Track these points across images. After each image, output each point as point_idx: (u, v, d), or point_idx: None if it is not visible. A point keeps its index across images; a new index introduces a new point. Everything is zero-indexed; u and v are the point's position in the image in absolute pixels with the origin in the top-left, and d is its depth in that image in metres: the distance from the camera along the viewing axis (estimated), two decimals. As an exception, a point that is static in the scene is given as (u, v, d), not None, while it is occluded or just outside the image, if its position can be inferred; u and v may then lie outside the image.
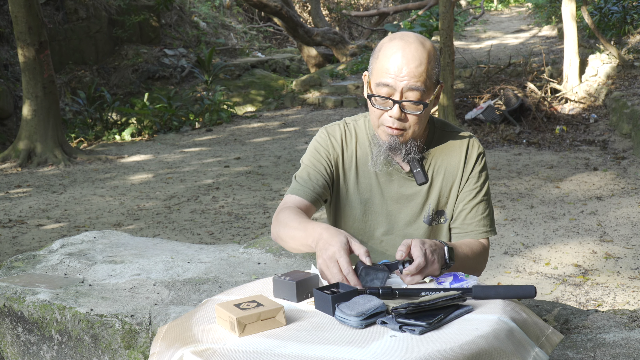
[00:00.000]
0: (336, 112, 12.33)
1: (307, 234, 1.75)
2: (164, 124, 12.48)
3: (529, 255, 5.00)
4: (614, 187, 6.69)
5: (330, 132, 2.04)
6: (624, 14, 11.24)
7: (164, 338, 1.54)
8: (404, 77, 1.81)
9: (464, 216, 2.00)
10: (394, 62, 1.82)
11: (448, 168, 2.00)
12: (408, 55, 1.81)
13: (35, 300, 2.26)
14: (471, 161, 2.00)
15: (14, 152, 10.10)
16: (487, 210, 2.02)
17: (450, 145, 2.01)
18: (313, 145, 2.05)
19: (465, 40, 16.70)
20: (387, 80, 1.82)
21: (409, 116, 1.86)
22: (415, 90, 1.82)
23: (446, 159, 2.00)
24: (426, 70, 1.82)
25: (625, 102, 8.80)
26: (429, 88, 1.85)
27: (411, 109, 1.85)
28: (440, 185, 1.99)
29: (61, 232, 6.36)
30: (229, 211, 6.76)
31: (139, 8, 15.20)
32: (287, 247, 1.90)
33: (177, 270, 2.55)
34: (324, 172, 1.99)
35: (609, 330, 2.00)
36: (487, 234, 2.02)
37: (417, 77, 1.81)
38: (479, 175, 2.01)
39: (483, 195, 2.01)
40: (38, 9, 9.83)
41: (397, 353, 1.29)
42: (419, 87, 1.82)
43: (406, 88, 1.82)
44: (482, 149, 2.04)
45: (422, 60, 1.82)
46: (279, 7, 14.12)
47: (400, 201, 2.00)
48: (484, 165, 2.03)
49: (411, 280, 1.68)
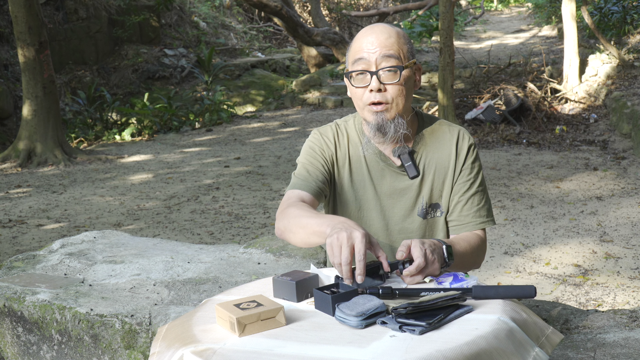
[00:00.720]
0: (336, 112, 12.33)
1: (323, 221, 1.71)
2: (164, 124, 12.47)
3: (529, 255, 5.00)
4: (614, 187, 6.69)
5: (323, 133, 2.08)
6: (624, 14, 11.24)
7: (164, 338, 1.54)
8: (375, 49, 1.89)
9: (460, 208, 2.01)
10: (364, 39, 1.92)
11: (439, 160, 2.01)
12: (377, 31, 1.92)
13: (35, 300, 2.26)
14: (462, 153, 2.02)
15: (14, 152, 10.10)
16: (483, 200, 2.03)
17: (440, 138, 2.03)
18: (307, 145, 2.07)
19: (465, 40, 16.70)
20: (361, 55, 1.90)
21: (389, 87, 1.90)
22: (389, 57, 1.88)
23: (437, 151, 2.01)
24: (397, 42, 1.91)
25: (625, 102, 8.80)
26: (404, 58, 1.91)
27: (389, 79, 1.89)
28: (432, 177, 2.00)
29: (61, 232, 6.36)
30: (229, 211, 6.76)
31: (139, 8, 15.20)
32: (294, 239, 1.85)
33: (177, 270, 2.55)
34: (322, 168, 2.01)
35: (609, 330, 2.00)
36: (485, 225, 2.02)
37: (388, 46, 1.89)
38: (472, 167, 2.02)
39: (478, 186, 2.02)
40: (38, 9, 9.83)
41: (397, 353, 1.29)
42: (392, 54, 1.88)
43: (379, 57, 1.88)
44: (473, 141, 2.05)
45: (390, 34, 1.91)
46: (279, 7, 14.12)
47: (393, 196, 2.01)
48: (476, 156, 2.04)
49: (411, 281, 1.68)
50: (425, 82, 12.81)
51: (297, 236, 1.83)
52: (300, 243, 1.85)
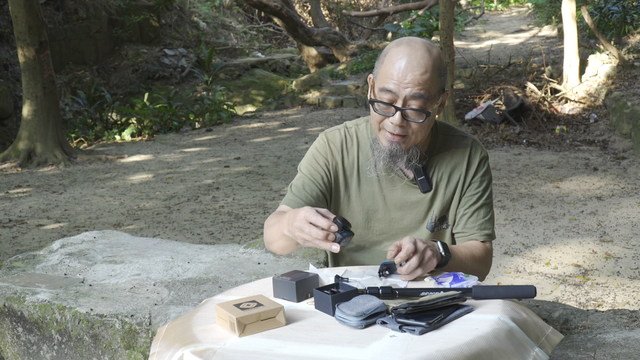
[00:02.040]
0: (336, 112, 12.33)
1: (281, 223, 1.73)
2: (164, 124, 12.48)
3: (529, 255, 5.00)
4: (614, 187, 6.69)
5: (330, 139, 2.00)
6: (624, 14, 11.24)
7: (164, 338, 1.54)
8: (407, 84, 1.77)
9: (465, 220, 1.99)
10: (398, 68, 1.77)
11: (451, 174, 1.98)
12: (414, 62, 1.77)
13: (35, 300, 2.26)
14: (473, 166, 1.99)
15: (14, 152, 10.10)
16: (489, 214, 2.00)
17: (453, 151, 1.99)
18: (311, 152, 2.01)
19: (465, 40, 16.71)
20: (390, 87, 1.78)
21: (411, 123, 1.82)
22: (419, 98, 1.78)
23: (449, 165, 1.98)
24: (431, 78, 1.78)
25: (625, 102, 8.80)
26: (433, 96, 1.81)
27: (413, 117, 1.81)
28: (444, 192, 1.98)
29: (61, 232, 6.36)
30: (229, 211, 6.76)
31: (139, 8, 15.20)
32: (275, 248, 1.87)
33: (177, 270, 2.55)
34: (320, 181, 1.96)
35: (609, 330, 2.00)
36: (489, 237, 1.99)
37: (421, 84, 1.77)
38: (481, 180, 1.99)
39: (485, 199, 2.00)
40: (38, 9, 9.83)
41: (397, 353, 1.30)
42: (423, 94, 1.78)
43: (409, 96, 1.78)
44: (485, 153, 2.02)
45: (427, 68, 1.77)
46: (279, 7, 14.12)
47: (403, 208, 1.98)
48: (486, 169, 2.01)
49: (409, 277, 1.68)
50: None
51: (275, 245, 1.85)
52: (281, 250, 1.86)
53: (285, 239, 1.76)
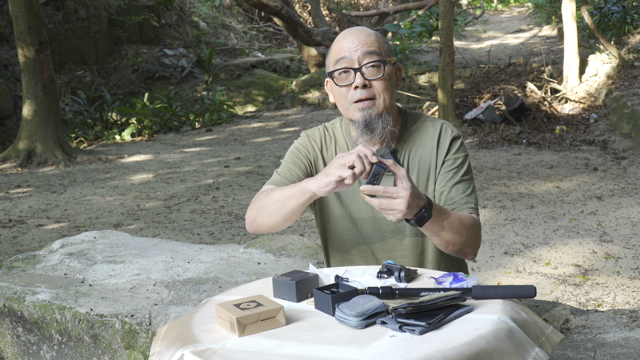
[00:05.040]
0: (336, 112, 12.33)
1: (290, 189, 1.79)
2: (164, 124, 12.47)
3: (529, 255, 5.00)
4: (614, 187, 6.69)
5: (310, 135, 2.10)
6: (624, 14, 11.24)
7: (164, 338, 1.54)
8: (357, 47, 1.90)
9: (445, 196, 1.96)
10: (344, 40, 1.93)
11: (422, 156, 1.99)
12: (355, 31, 1.93)
13: (35, 300, 2.26)
14: (444, 146, 1.99)
15: (14, 152, 10.10)
16: (469, 190, 1.98)
17: (423, 134, 2.01)
18: (293, 146, 2.09)
19: (465, 40, 16.71)
20: (342, 54, 1.91)
21: (374, 83, 1.90)
22: (371, 54, 1.89)
23: (420, 148, 2.00)
24: (377, 40, 1.92)
25: (625, 102, 8.80)
26: (385, 54, 1.92)
27: (373, 74, 1.89)
28: (416, 174, 1.99)
29: (61, 232, 6.36)
30: (229, 211, 6.76)
31: (139, 8, 15.19)
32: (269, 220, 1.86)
33: (177, 270, 2.55)
34: (305, 169, 2.03)
35: (609, 330, 2.00)
36: (473, 210, 1.95)
37: (369, 43, 1.91)
38: (455, 158, 1.99)
39: (462, 176, 1.98)
40: (38, 9, 9.83)
41: (397, 353, 1.30)
42: (374, 50, 1.90)
43: (362, 55, 1.89)
44: (457, 133, 2.02)
45: (369, 33, 1.93)
46: (279, 7, 14.12)
47: None
48: (459, 147, 2.00)
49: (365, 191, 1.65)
50: (425, 82, 12.81)
51: (270, 209, 1.84)
52: (275, 217, 1.84)
53: (294, 197, 1.78)
